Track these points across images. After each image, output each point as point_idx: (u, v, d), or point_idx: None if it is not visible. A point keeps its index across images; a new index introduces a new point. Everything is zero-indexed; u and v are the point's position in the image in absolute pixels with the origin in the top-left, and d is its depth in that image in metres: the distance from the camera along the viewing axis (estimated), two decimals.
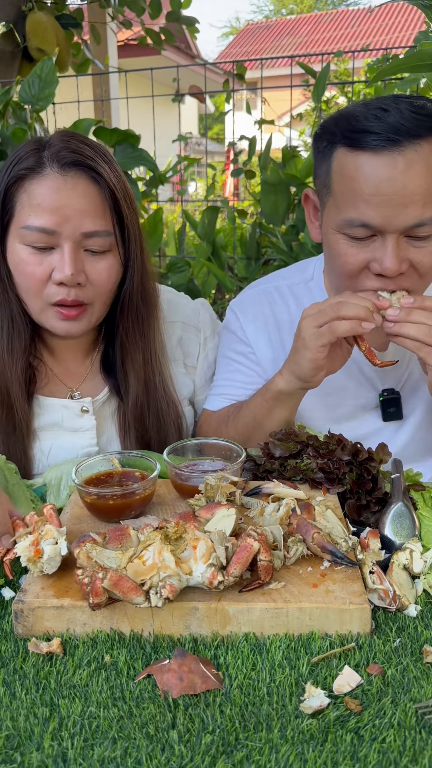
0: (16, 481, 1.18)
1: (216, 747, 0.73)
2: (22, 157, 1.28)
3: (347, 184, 1.24)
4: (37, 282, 1.29)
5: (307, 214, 1.44)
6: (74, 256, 1.26)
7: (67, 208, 1.25)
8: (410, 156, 1.18)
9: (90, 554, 0.90)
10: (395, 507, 1.09)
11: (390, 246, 1.22)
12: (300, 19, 22.94)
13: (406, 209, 1.20)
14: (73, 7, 3.94)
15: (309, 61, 3.57)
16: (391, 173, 1.19)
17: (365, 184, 1.21)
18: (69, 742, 0.74)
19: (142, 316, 1.43)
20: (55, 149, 1.27)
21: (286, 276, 1.61)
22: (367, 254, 1.26)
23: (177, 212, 5.84)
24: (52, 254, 1.28)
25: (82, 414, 1.43)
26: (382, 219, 1.21)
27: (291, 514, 1.03)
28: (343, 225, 1.26)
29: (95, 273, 1.31)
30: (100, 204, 1.29)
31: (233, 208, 3.91)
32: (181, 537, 0.93)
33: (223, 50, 22.00)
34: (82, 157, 1.27)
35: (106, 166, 1.29)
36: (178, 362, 1.53)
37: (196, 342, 1.57)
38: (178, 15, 3.95)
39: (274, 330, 1.54)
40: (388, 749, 0.72)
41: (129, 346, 1.43)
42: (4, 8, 3.43)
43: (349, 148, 1.23)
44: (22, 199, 1.27)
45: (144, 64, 4.11)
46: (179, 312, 1.55)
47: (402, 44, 12.66)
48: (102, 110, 4.49)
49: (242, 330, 1.56)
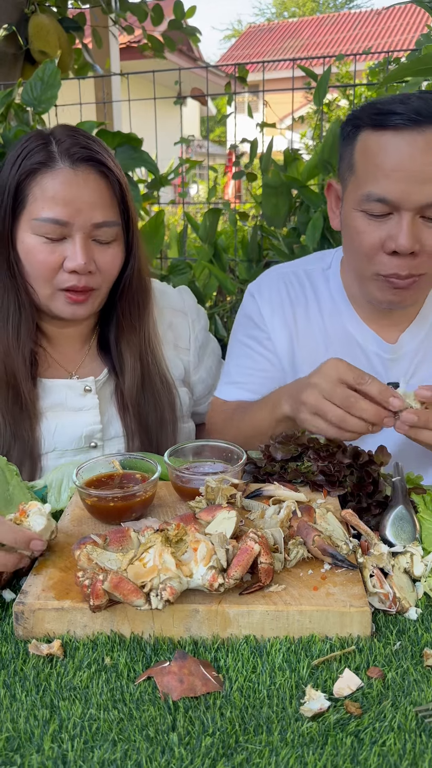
0: (16, 483, 1.18)
1: (216, 749, 0.73)
2: (31, 151, 1.34)
3: (369, 160, 1.30)
4: (49, 270, 1.35)
5: (330, 204, 1.49)
6: (85, 245, 1.34)
7: (79, 201, 1.32)
8: (430, 137, 1.25)
9: (90, 556, 0.91)
10: (396, 510, 1.09)
11: (405, 223, 1.27)
12: (302, 21, 22.97)
13: (423, 187, 1.25)
14: (74, 11, 3.95)
15: (311, 64, 3.57)
16: (412, 151, 1.25)
17: (386, 160, 1.27)
18: (69, 744, 0.74)
19: (139, 300, 1.52)
20: (65, 145, 1.34)
21: (305, 262, 1.66)
22: (383, 232, 1.31)
23: (179, 214, 5.85)
24: (63, 244, 1.34)
25: (85, 394, 1.49)
26: (400, 194, 1.26)
27: (292, 516, 1.03)
28: (362, 200, 1.31)
29: (103, 261, 1.38)
30: (109, 196, 1.37)
31: (235, 211, 3.90)
32: (181, 539, 0.93)
33: (225, 53, 22.05)
34: (92, 152, 1.35)
35: (111, 160, 1.38)
36: (169, 345, 1.60)
37: (185, 325, 1.64)
38: (180, 24, 3.96)
39: (290, 312, 1.57)
40: (388, 752, 0.72)
41: (126, 327, 1.50)
42: (7, 10, 3.44)
43: (374, 128, 1.30)
44: (35, 192, 1.33)
45: (146, 67, 4.11)
46: (167, 299, 1.63)
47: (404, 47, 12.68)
48: (104, 113, 4.49)
49: (259, 313, 1.59)
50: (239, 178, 3.90)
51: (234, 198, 5.81)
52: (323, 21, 21.83)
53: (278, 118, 4.00)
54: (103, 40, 4.41)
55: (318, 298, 1.57)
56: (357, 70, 4.84)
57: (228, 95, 3.84)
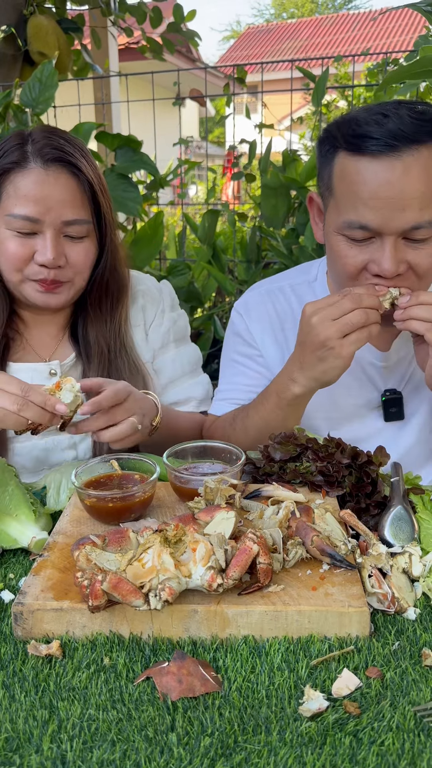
0: (15, 484, 1.18)
1: (215, 750, 0.73)
2: (7, 151, 1.40)
3: (347, 187, 1.27)
4: (20, 260, 1.40)
5: (312, 216, 1.47)
6: (55, 241, 1.39)
7: (50, 199, 1.37)
8: (408, 161, 1.21)
9: (89, 557, 0.91)
10: (394, 510, 1.09)
11: (388, 248, 1.25)
12: (301, 22, 22.98)
13: (403, 212, 1.22)
14: (73, 12, 3.95)
15: (309, 65, 3.58)
16: (389, 177, 1.21)
17: (364, 188, 1.23)
18: (68, 745, 0.74)
19: (112, 291, 1.56)
20: (38, 146, 1.39)
21: (288, 277, 1.64)
22: (366, 255, 1.29)
23: (177, 215, 5.85)
24: (34, 239, 1.40)
25: (51, 377, 1.52)
26: (380, 221, 1.23)
27: (290, 517, 1.03)
28: (343, 227, 1.28)
29: (74, 255, 1.43)
30: (79, 195, 1.41)
31: (233, 212, 3.91)
32: (180, 540, 0.93)
33: (224, 54, 22.07)
34: (63, 153, 1.39)
35: (84, 160, 1.42)
36: (139, 327, 1.63)
37: (153, 310, 1.66)
38: (179, 27, 3.96)
39: (279, 328, 1.56)
40: (386, 752, 0.72)
41: (95, 317, 1.55)
42: (6, 12, 3.45)
43: (350, 152, 1.26)
44: (8, 190, 1.39)
45: (145, 68, 4.11)
46: (142, 282, 1.67)
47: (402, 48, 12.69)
48: (103, 113, 4.50)
49: (248, 331, 1.58)
50: (238, 179, 3.91)
51: (233, 199, 5.81)
52: (322, 22, 21.85)
53: (277, 119, 4.00)
54: (102, 41, 4.41)
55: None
56: (355, 71, 4.84)
57: (227, 96, 3.85)
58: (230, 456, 1.23)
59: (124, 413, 1.25)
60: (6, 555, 1.11)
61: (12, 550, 1.12)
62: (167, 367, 1.66)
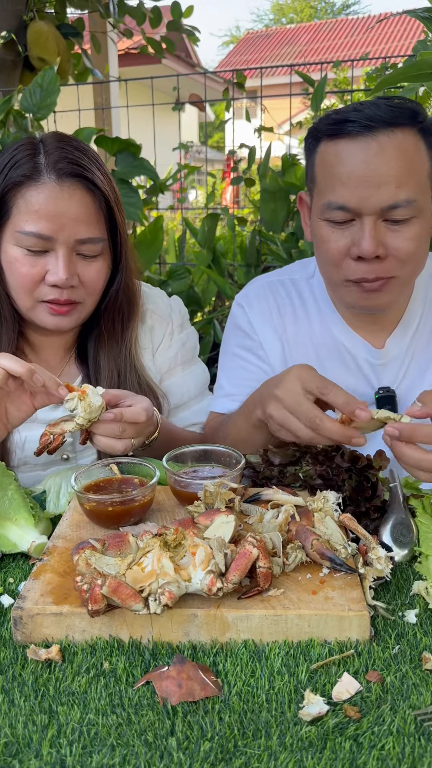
0: (15, 488, 1.18)
1: (215, 754, 0.73)
2: (18, 162, 1.31)
3: (327, 170, 1.32)
4: (31, 282, 1.33)
5: (302, 216, 1.50)
6: (68, 260, 1.32)
7: (64, 217, 1.30)
8: (383, 140, 1.26)
9: (89, 561, 0.91)
10: (394, 515, 1.09)
11: (367, 228, 1.28)
12: (300, 28, 23.07)
13: (378, 190, 1.25)
14: (73, 17, 3.96)
15: (308, 69, 3.59)
16: (365, 156, 1.26)
17: (342, 169, 1.28)
18: (68, 749, 0.73)
19: (124, 314, 1.50)
20: (52, 158, 1.31)
21: (289, 271, 1.65)
22: (347, 239, 1.31)
23: (177, 220, 5.86)
24: (46, 257, 1.32)
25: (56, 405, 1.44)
26: (358, 199, 1.27)
27: (290, 520, 1.03)
28: (324, 209, 1.32)
29: (87, 275, 1.36)
30: (95, 212, 1.34)
31: (233, 216, 3.92)
32: (180, 544, 0.93)
33: (223, 59, 22.13)
34: (80, 168, 1.31)
35: (100, 173, 1.34)
36: (147, 350, 1.58)
37: (161, 332, 1.60)
38: (179, 24, 3.97)
39: (279, 322, 1.57)
40: (387, 756, 0.72)
41: (107, 339, 1.49)
42: (6, 18, 3.46)
43: (330, 138, 1.31)
44: (19, 204, 1.31)
45: (144, 73, 4.13)
46: (152, 301, 1.60)
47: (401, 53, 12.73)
48: (103, 119, 4.50)
49: (249, 323, 1.59)
50: (237, 183, 3.91)
51: (232, 203, 5.82)
52: (321, 27, 21.93)
53: (276, 124, 4.01)
54: (102, 45, 4.43)
55: (305, 306, 1.56)
56: (354, 75, 4.86)
57: (226, 101, 3.86)
58: (230, 460, 1.23)
59: (133, 433, 1.20)
60: (5, 559, 1.11)
61: (11, 555, 1.12)
62: (173, 393, 1.61)
